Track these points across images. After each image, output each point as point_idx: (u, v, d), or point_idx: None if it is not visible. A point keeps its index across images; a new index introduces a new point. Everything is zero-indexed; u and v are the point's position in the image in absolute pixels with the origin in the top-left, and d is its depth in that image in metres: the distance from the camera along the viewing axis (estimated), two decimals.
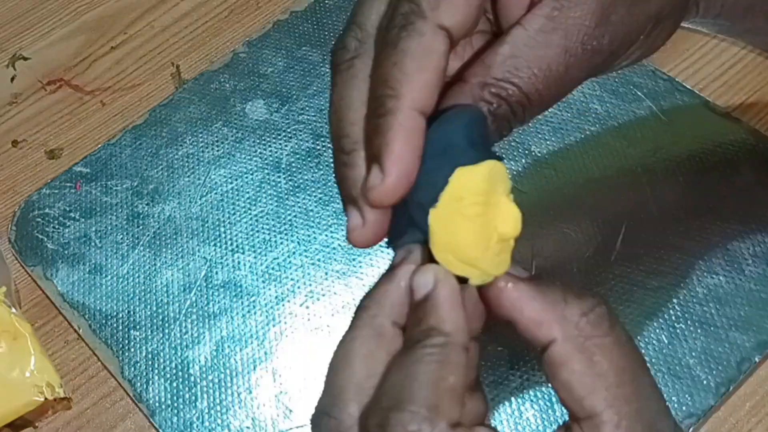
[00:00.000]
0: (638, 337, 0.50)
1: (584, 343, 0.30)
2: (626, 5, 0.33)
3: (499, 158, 0.31)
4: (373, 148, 0.31)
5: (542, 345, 0.30)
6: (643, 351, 0.48)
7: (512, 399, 0.48)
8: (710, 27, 0.43)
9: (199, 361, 0.51)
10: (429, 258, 0.31)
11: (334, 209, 0.56)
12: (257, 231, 0.55)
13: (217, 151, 0.59)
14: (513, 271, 0.31)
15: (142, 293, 0.54)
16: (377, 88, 0.31)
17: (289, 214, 0.56)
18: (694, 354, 0.49)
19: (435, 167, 0.31)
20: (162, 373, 0.51)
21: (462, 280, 0.31)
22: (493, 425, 0.33)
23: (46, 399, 0.49)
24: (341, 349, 0.31)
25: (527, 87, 0.32)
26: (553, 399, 0.48)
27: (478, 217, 0.30)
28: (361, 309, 0.32)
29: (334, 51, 0.34)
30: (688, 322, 0.50)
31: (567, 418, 0.30)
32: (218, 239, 0.55)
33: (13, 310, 0.51)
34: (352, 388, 0.31)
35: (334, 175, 0.33)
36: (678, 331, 0.50)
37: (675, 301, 0.51)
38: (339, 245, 0.54)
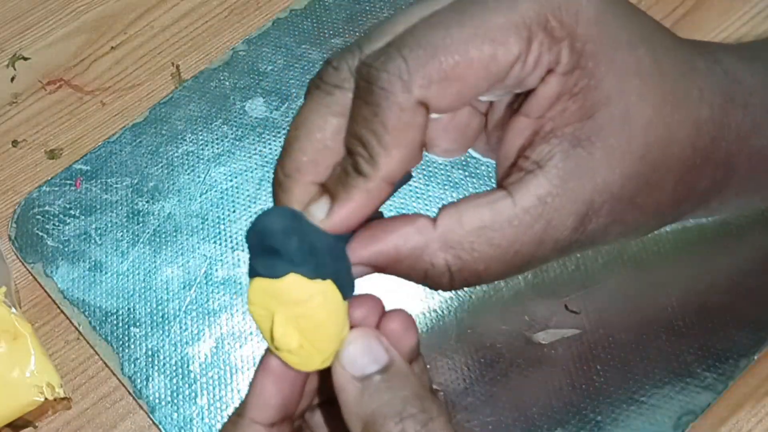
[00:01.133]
0: (637, 335, 0.50)
1: None
2: (606, 220, 0.32)
3: (282, 275, 0.31)
4: (333, 189, 0.31)
5: None
6: (642, 349, 0.49)
7: None
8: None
9: (199, 358, 0.51)
10: None
11: None
12: None
13: (217, 148, 0.59)
14: (351, 365, 0.31)
15: (142, 290, 0.54)
16: (354, 145, 0.31)
17: None
18: (692, 351, 0.49)
19: (251, 263, 0.32)
20: (162, 370, 0.51)
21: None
22: None
23: (46, 399, 0.49)
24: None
25: (485, 265, 0.31)
26: None
27: (259, 324, 0.32)
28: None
29: (324, 65, 0.33)
30: (687, 319, 0.50)
31: None
32: (218, 237, 0.55)
33: (13, 310, 0.51)
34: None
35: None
36: (676, 328, 0.50)
37: (673, 297, 0.51)
38: None
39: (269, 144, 0.59)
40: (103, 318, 0.53)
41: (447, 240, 0.31)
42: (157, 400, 0.50)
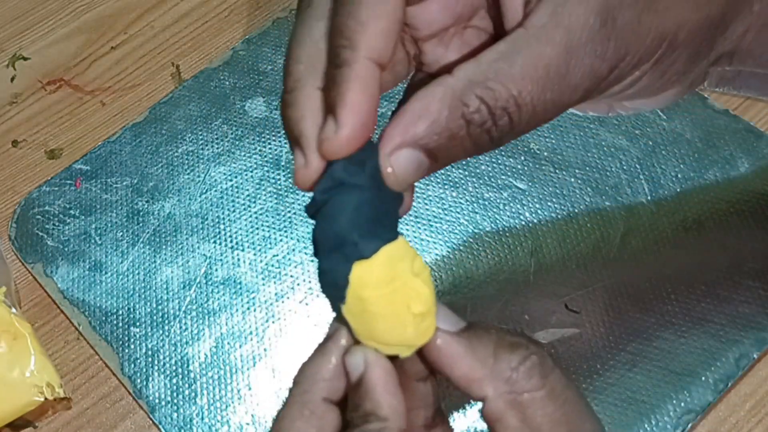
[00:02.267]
0: (637, 334, 0.50)
1: (516, 398, 0.29)
2: (635, 10, 0.30)
3: (395, 237, 0.30)
4: (328, 100, 0.30)
5: (476, 400, 0.30)
6: (642, 348, 0.49)
7: None
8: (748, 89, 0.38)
9: (199, 358, 0.51)
10: None
11: None
12: (257, 228, 0.55)
13: (217, 148, 0.59)
14: (444, 324, 0.30)
15: (142, 290, 0.54)
16: (334, 39, 0.30)
17: (289, 212, 0.56)
18: (692, 351, 0.49)
19: (332, 266, 0.30)
20: (162, 370, 0.51)
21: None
22: None
23: (46, 399, 0.49)
24: (275, 425, 0.31)
25: (519, 88, 0.29)
26: None
27: (387, 307, 0.29)
28: (294, 384, 0.31)
29: None
30: (687, 319, 0.50)
31: None
32: (218, 236, 0.55)
33: (13, 310, 0.51)
34: None
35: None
36: (676, 327, 0.50)
37: (673, 297, 0.51)
38: None
39: (269, 144, 0.59)
40: (103, 318, 0.53)
41: (471, 79, 0.29)
42: (157, 400, 0.50)
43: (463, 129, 0.29)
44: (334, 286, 0.30)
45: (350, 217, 0.29)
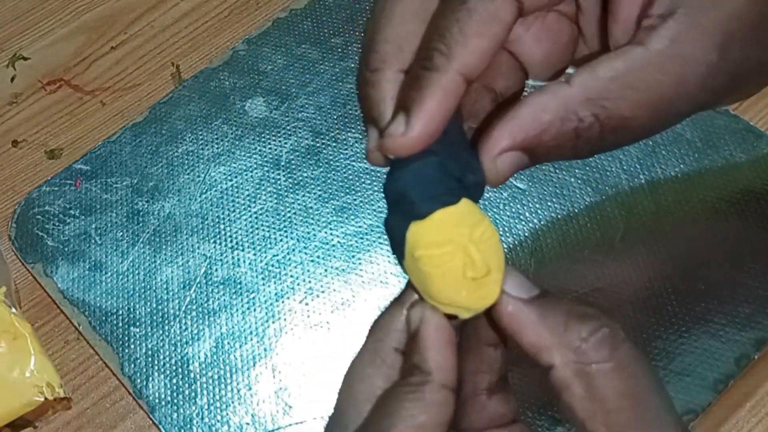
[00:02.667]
0: (637, 334, 0.50)
1: (583, 368, 0.29)
2: (744, 44, 0.31)
3: (456, 201, 0.30)
4: (406, 98, 0.30)
5: (543, 368, 0.30)
6: (642, 348, 0.49)
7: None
8: None
9: (199, 358, 0.51)
10: None
11: (333, 206, 0.56)
12: (257, 228, 0.55)
13: (217, 148, 0.59)
14: (516, 291, 0.31)
15: (142, 290, 0.54)
16: (431, 39, 0.30)
17: (289, 212, 0.56)
18: (692, 350, 0.49)
19: (394, 222, 0.31)
20: (162, 370, 0.51)
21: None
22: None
23: (46, 399, 0.49)
24: (348, 371, 0.32)
25: (634, 114, 0.30)
26: None
27: (438, 268, 0.30)
28: (369, 333, 0.32)
29: None
30: (686, 318, 0.50)
31: None
32: (218, 236, 0.55)
33: (13, 310, 0.51)
34: (351, 411, 0.31)
35: (357, 92, 0.32)
36: (676, 327, 0.50)
37: (673, 296, 0.51)
38: (338, 242, 0.55)
39: (269, 144, 0.59)
40: (103, 318, 0.53)
41: (586, 93, 0.30)
42: (157, 400, 0.50)
43: (572, 140, 0.30)
44: (396, 243, 0.31)
45: (413, 176, 0.30)
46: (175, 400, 0.50)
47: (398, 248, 0.31)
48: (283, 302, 0.53)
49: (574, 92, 0.30)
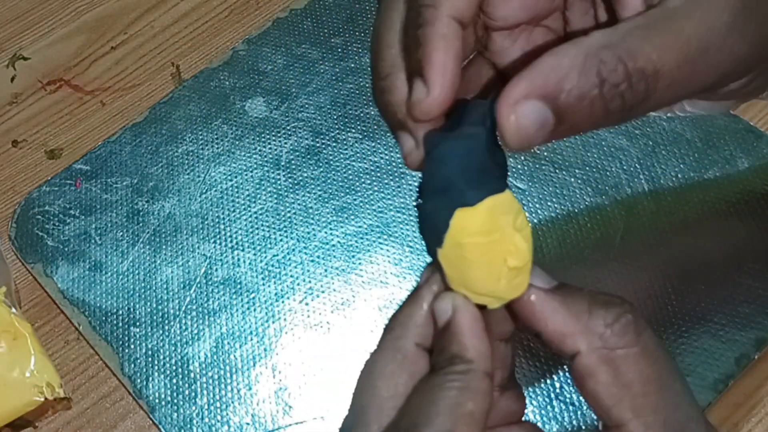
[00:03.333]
0: None
1: (609, 354, 0.29)
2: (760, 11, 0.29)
3: (502, 190, 0.30)
4: (413, 62, 0.30)
5: (568, 356, 0.30)
6: None
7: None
8: None
9: (199, 358, 0.51)
10: None
11: (333, 206, 0.56)
12: (257, 228, 0.55)
13: (217, 148, 0.59)
14: (538, 281, 0.31)
15: (142, 290, 0.54)
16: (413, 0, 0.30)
17: (289, 211, 0.56)
18: (692, 350, 0.49)
19: (435, 209, 0.30)
20: (162, 370, 0.51)
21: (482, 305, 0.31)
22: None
23: (46, 399, 0.49)
24: (366, 369, 0.31)
25: (661, 55, 0.28)
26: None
27: (483, 256, 0.30)
28: (386, 330, 0.32)
29: None
30: (686, 318, 0.50)
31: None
32: (218, 236, 0.55)
33: (13, 310, 0.51)
34: (373, 408, 0.31)
35: (375, 104, 0.32)
36: (676, 327, 0.50)
37: (673, 296, 0.51)
38: (338, 242, 0.55)
39: (269, 144, 0.59)
40: (103, 318, 0.53)
41: (609, 40, 0.28)
42: (157, 400, 0.50)
43: (596, 89, 0.28)
44: (434, 229, 0.30)
45: (460, 162, 0.30)
46: (175, 400, 0.50)
47: (434, 235, 0.30)
48: (283, 302, 0.53)
49: (594, 40, 0.28)
